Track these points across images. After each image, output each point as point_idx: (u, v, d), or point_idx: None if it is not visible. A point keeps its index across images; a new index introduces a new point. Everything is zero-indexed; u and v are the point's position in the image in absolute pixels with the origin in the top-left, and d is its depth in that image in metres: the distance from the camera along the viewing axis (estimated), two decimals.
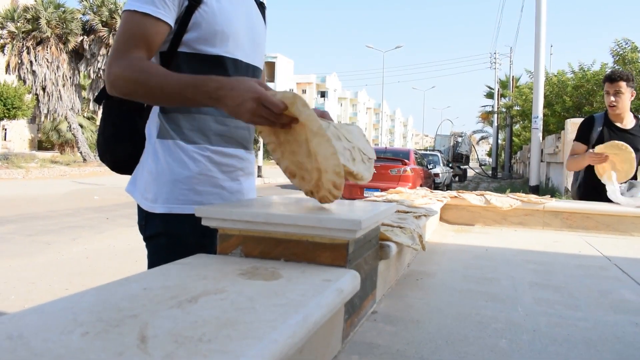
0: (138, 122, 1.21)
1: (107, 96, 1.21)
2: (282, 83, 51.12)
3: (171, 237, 1.16)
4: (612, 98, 2.83)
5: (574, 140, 3.06)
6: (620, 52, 11.83)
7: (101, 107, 1.25)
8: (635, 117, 2.95)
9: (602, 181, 2.71)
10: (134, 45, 1.06)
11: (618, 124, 2.90)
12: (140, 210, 1.21)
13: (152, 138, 1.17)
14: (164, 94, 1.03)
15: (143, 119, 1.21)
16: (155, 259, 1.16)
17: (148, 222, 1.19)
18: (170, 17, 1.08)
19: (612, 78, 2.83)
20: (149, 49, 1.08)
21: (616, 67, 12.08)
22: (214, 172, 1.18)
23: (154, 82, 1.02)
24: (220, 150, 1.19)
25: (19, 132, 28.85)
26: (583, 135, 2.99)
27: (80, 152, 20.03)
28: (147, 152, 1.19)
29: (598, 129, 2.93)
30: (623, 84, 2.80)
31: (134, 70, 1.04)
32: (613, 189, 2.65)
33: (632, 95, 2.85)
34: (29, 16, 18.05)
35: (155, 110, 1.17)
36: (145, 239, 1.22)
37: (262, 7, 1.32)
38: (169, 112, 1.15)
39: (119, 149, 1.22)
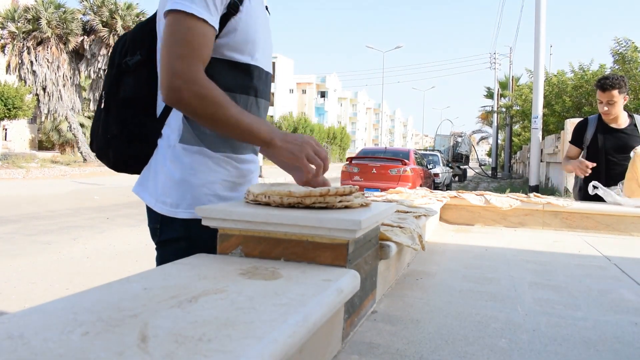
0: (147, 123, 1.17)
1: (114, 93, 1.18)
2: (282, 83, 51.12)
3: (192, 241, 1.13)
4: (605, 108, 2.84)
5: (569, 142, 3.10)
6: (620, 51, 11.82)
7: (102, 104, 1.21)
8: (630, 115, 2.95)
9: (590, 192, 2.70)
10: (199, 56, 1.02)
11: (612, 125, 2.91)
12: (154, 214, 1.17)
13: (173, 142, 1.14)
14: (230, 130, 1.06)
15: (152, 121, 1.17)
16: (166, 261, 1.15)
17: (164, 226, 1.16)
18: (217, 24, 1.06)
19: (604, 87, 2.81)
20: (206, 59, 1.06)
21: (616, 67, 12.08)
22: (234, 178, 1.19)
23: (230, 119, 1.03)
24: (240, 157, 1.21)
25: (19, 132, 28.85)
26: (576, 138, 3.04)
27: (81, 152, 20.02)
28: (164, 156, 1.15)
29: (591, 131, 2.95)
30: (615, 92, 2.79)
31: (212, 95, 1.02)
32: (604, 192, 2.65)
33: (625, 100, 2.86)
34: (29, 16, 18.05)
35: (178, 115, 1.14)
36: (159, 243, 1.19)
37: (267, 11, 1.31)
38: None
39: (125, 150, 1.19)
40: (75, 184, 13.13)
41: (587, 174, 2.77)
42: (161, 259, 1.19)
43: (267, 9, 1.28)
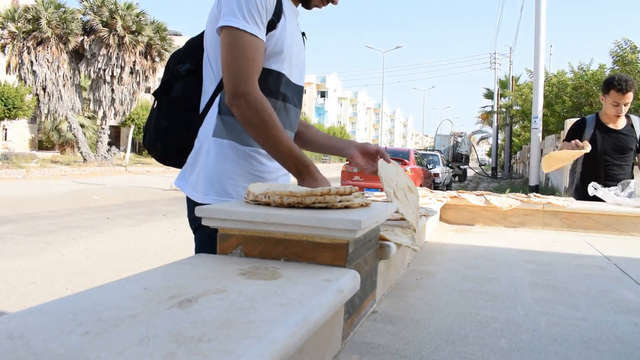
0: (193, 119, 1.31)
1: (166, 92, 1.34)
2: None
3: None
4: (623, 107, 2.84)
5: (564, 140, 3.09)
6: (620, 53, 11.82)
7: (156, 100, 1.38)
8: (627, 116, 2.96)
9: (590, 192, 2.73)
10: (255, 70, 1.18)
11: (610, 125, 2.92)
12: (190, 203, 1.29)
13: (208, 136, 1.27)
14: (270, 144, 1.20)
15: (196, 116, 1.31)
16: (201, 248, 1.27)
17: None
18: (265, 38, 1.21)
19: (625, 90, 2.80)
20: (260, 70, 1.21)
21: (616, 68, 12.07)
22: (259, 172, 1.29)
23: (274, 134, 1.18)
24: (267, 154, 1.29)
25: (19, 132, 28.82)
26: (572, 137, 3.02)
27: (81, 152, 20.01)
28: (200, 149, 1.28)
29: (590, 131, 2.96)
30: (631, 94, 2.82)
31: (266, 110, 1.17)
32: (604, 193, 2.66)
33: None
34: (29, 16, 18.02)
35: (214, 111, 1.27)
36: (194, 230, 1.31)
37: (303, 35, 1.47)
38: (226, 114, 1.26)
39: (171, 141, 1.34)
40: (75, 184, 13.13)
41: (581, 150, 2.77)
42: (195, 246, 1.31)
43: (303, 34, 1.45)
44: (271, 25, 1.22)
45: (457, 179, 22.78)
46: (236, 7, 1.16)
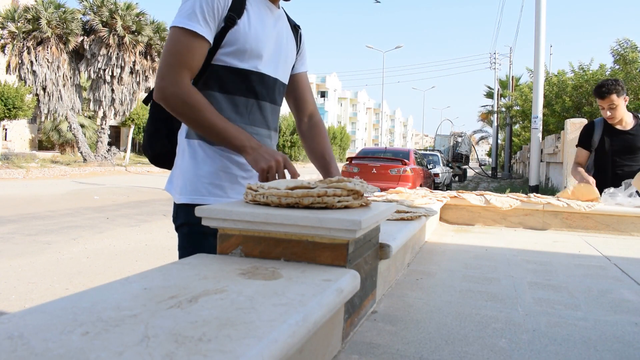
0: (174, 123, 1.37)
1: (151, 100, 1.37)
2: None
3: (192, 226, 1.26)
4: (609, 113, 2.90)
5: (577, 145, 3.13)
6: (621, 52, 11.81)
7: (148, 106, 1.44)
8: (635, 116, 2.97)
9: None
10: (183, 63, 1.20)
11: (618, 127, 2.93)
12: (174, 204, 1.35)
13: (182, 137, 1.32)
14: (208, 128, 1.20)
15: (179, 121, 1.35)
16: (180, 247, 1.32)
17: (178, 214, 1.33)
18: (210, 35, 1.22)
19: (602, 95, 2.87)
20: (194, 66, 1.22)
21: (616, 67, 12.07)
22: (233, 170, 1.31)
23: (205, 117, 1.19)
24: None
25: (19, 132, 28.82)
26: (584, 141, 3.07)
27: (81, 152, 20.01)
28: (178, 151, 1.34)
29: (598, 133, 2.98)
30: (614, 97, 2.84)
31: (190, 98, 1.19)
32: (607, 196, 2.66)
33: (625, 101, 2.89)
34: (29, 16, 18.01)
35: None
36: (176, 229, 1.36)
37: (296, 29, 1.48)
38: None
39: (157, 145, 1.40)
40: (75, 184, 13.13)
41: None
42: (178, 245, 1.35)
43: (295, 27, 1.46)
44: (231, 22, 1.22)
45: (457, 179, 22.77)
46: (183, 8, 1.20)
